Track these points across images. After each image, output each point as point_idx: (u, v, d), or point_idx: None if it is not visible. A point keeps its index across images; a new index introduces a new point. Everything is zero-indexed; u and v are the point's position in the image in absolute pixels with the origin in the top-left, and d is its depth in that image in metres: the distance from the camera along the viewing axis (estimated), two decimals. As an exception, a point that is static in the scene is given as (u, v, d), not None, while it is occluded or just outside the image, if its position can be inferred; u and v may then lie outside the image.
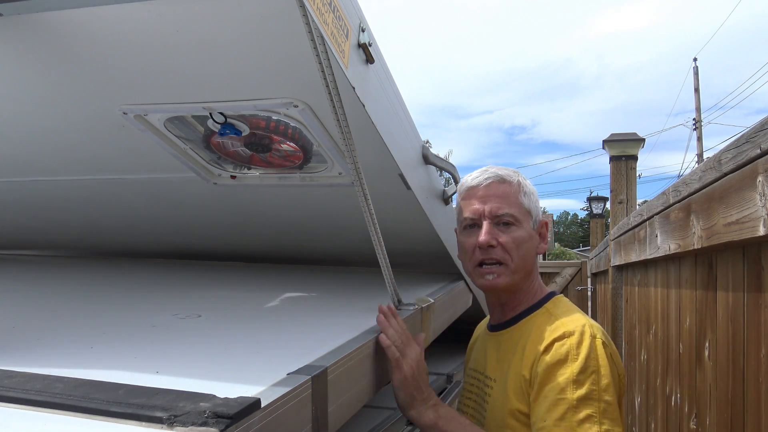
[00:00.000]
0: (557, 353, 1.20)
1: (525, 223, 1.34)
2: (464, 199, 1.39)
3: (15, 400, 0.78)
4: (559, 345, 1.21)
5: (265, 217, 2.02)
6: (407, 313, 1.43)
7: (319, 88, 1.05)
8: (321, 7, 0.95)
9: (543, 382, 1.19)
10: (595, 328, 1.24)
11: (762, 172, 1.12)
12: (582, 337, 1.20)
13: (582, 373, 1.16)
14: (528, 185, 1.38)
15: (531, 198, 1.37)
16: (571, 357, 1.18)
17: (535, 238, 1.37)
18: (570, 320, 1.26)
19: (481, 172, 1.39)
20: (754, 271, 1.26)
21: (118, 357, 1.07)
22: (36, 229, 2.56)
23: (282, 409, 0.80)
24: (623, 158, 5.35)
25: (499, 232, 1.32)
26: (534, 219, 1.37)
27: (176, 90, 1.30)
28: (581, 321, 1.25)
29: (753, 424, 1.25)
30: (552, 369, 1.18)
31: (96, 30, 1.11)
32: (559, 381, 1.16)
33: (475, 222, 1.35)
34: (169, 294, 1.90)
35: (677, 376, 1.96)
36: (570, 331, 1.22)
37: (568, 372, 1.17)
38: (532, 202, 1.37)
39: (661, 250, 2.10)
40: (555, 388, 1.16)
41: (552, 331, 1.25)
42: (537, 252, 1.39)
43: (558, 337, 1.22)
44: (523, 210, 1.34)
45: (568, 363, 1.18)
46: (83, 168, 1.78)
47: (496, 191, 1.34)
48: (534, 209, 1.37)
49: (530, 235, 1.35)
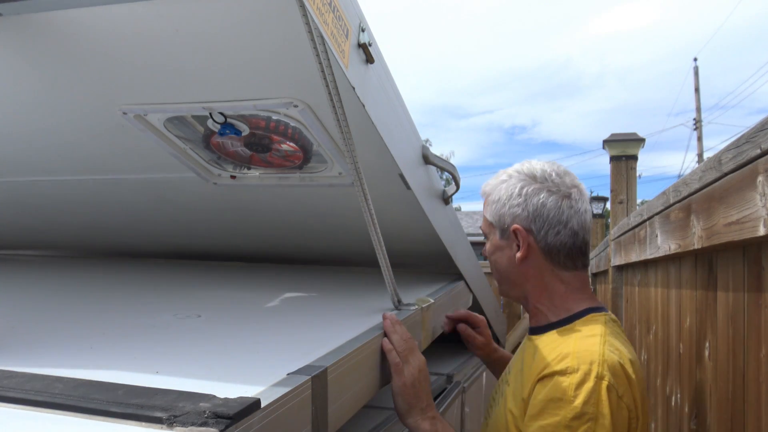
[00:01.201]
0: (555, 390, 1.09)
1: (491, 234, 1.34)
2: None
3: (15, 400, 0.78)
4: (559, 381, 1.10)
5: (265, 217, 2.02)
6: (407, 313, 1.43)
7: (319, 88, 1.05)
8: (321, 7, 0.95)
9: (535, 417, 1.11)
10: (607, 367, 1.10)
11: (762, 172, 1.12)
12: (585, 377, 1.08)
13: (576, 419, 1.05)
14: (499, 191, 1.29)
15: (495, 206, 1.30)
16: (568, 398, 1.07)
17: (505, 248, 1.29)
18: (583, 352, 1.13)
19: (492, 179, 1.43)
20: (754, 271, 1.26)
21: (117, 357, 1.07)
22: (36, 229, 2.56)
23: (282, 409, 0.80)
24: (623, 158, 5.35)
25: None
26: (500, 228, 1.29)
27: (176, 90, 1.30)
28: (594, 356, 1.11)
29: (753, 424, 1.25)
30: (546, 406, 1.09)
31: (96, 30, 1.11)
32: (551, 422, 1.07)
33: None
34: (169, 294, 1.90)
35: (677, 376, 1.96)
36: (574, 367, 1.10)
37: (562, 414, 1.07)
38: (496, 210, 1.29)
39: (661, 250, 2.09)
40: (545, 428, 1.08)
41: (558, 359, 1.14)
42: (516, 261, 1.27)
43: (560, 370, 1.11)
44: (487, 222, 1.34)
45: (563, 404, 1.07)
46: (83, 168, 1.78)
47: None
48: (497, 218, 1.29)
49: (496, 246, 1.32)
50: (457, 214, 8.04)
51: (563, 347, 1.17)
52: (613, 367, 1.10)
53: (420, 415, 1.22)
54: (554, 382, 1.10)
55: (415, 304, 1.53)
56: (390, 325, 1.26)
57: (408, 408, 1.22)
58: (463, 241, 2.13)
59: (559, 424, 1.06)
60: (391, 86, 1.36)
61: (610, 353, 1.13)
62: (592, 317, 1.25)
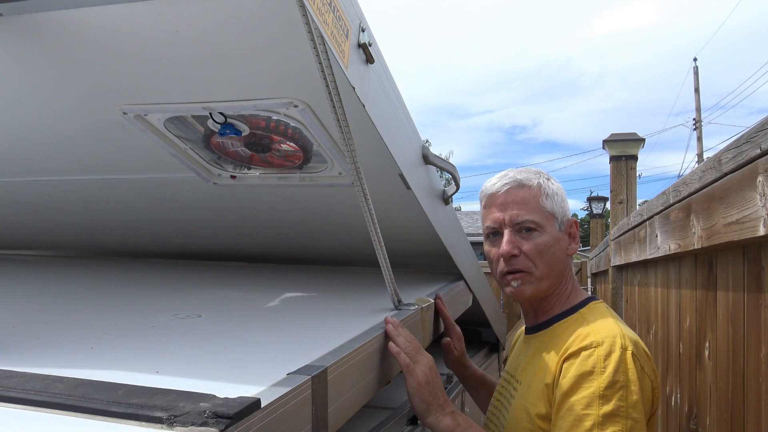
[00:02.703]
0: (584, 364, 1.14)
1: (549, 226, 1.30)
2: (485, 207, 1.37)
3: (15, 400, 0.78)
4: (586, 355, 1.15)
5: (265, 217, 2.02)
6: (407, 313, 1.43)
7: (319, 88, 1.05)
8: (321, 7, 0.95)
9: (567, 394, 1.13)
10: (628, 339, 1.17)
11: (762, 172, 1.12)
12: (611, 348, 1.14)
13: (609, 388, 1.10)
14: (551, 186, 1.33)
15: (554, 199, 1.32)
16: (598, 369, 1.12)
17: (563, 240, 1.32)
18: (601, 328, 1.19)
19: (500, 177, 1.36)
20: (754, 271, 1.26)
21: (118, 357, 1.07)
22: (36, 229, 2.56)
23: (282, 409, 0.80)
24: (623, 158, 5.35)
25: (522, 240, 1.29)
26: (560, 220, 1.32)
27: (176, 90, 1.30)
28: (613, 330, 1.18)
29: (753, 424, 1.25)
30: (578, 381, 1.13)
31: (96, 30, 1.11)
32: (585, 395, 1.11)
33: (496, 231, 1.33)
34: (169, 294, 1.90)
35: (677, 376, 1.96)
36: (598, 341, 1.16)
37: (595, 386, 1.11)
38: (556, 203, 1.32)
39: (661, 250, 2.09)
40: (580, 402, 1.11)
41: (581, 338, 1.19)
42: (567, 254, 1.34)
43: (585, 346, 1.16)
44: (545, 213, 1.30)
45: (594, 376, 1.12)
46: (83, 168, 1.78)
47: (515, 197, 1.31)
48: (558, 210, 1.32)
49: (556, 238, 1.30)
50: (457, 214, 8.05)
51: (581, 329, 1.22)
52: (633, 340, 1.18)
53: (440, 412, 1.23)
54: (582, 357, 1.15)
55: (415, 304, 1.53)
56: (393, 328, 1.26)
57: (426, 407, 1.23)
58: (463, 241, 2.13)
59: (594, 395, 1.10)
60: (391, 86, 1.36)
61: (627, 329, 1.22)
62: (594, 305, 1.32)
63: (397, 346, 1.23)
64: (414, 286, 1.91)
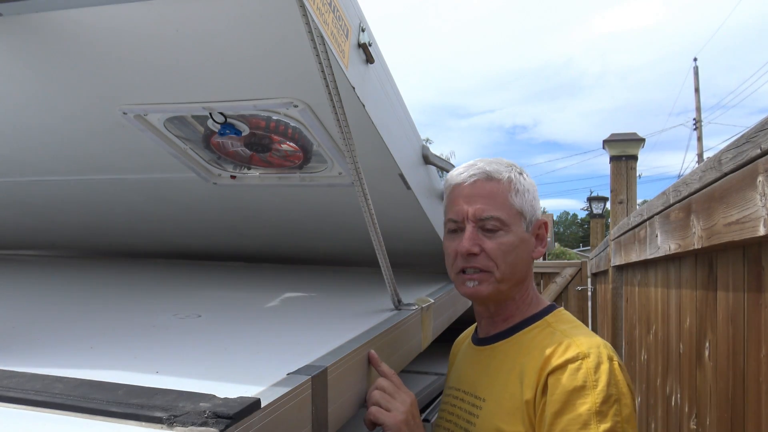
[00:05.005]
0: (573, 378, 1.07)
1: (515, 225, 1.18)
2: (448, 198, 1.24)
3: (15, 400, 0.78)
4: (573, 368, 1.07)
5: (265, 217, 2.02)
6: (407, 313, 1.43)
7: (319, 88, 1.05)
8: (321, 7, 0.95)
9: (560, 412, 1.06)
10: (610, 348, 1.11)
11: (762, 172, 1.12)
12: (599, 359, 1.07)
13: (604, 404, 1.04)
14: (522, 181, 1.21)
15: (525, 196, 1.20)
16: (590, 384, 1.06)
17: (529, 241, 1.21)
18: (581, 338, 1.12)
19: (467, 167, 1.22)
20: (754, 271, 1.26)
21: (118, 357, 1.07)
22: (36, 229, 2.56)
23: (282, 409, 0.80)
24: (623, 158, 5.36)
25: (484, 238, 1.17)
26: (528, 220, 1.20)
27: (176, 90, 1.30)
28: (594, 340, 1.12)
29: (753, 424, 1.25)
30: (570, 398, 1.06)
31: (96, 30, 1.11)
32: (581, 412, 1.04)
33: (458, 225, 1.20)
34: (169, 294, 1.90)
35: (677, 376, 1.96)
36: (584, 352, 1.09)
37: (590, 401, 1.04)
38: (526, 200, 1.20)
39: (661, 250, 2.09)
40: (577, 420, 1.04)
41: (562, 349, 1.11)
42: (532, 257, 1.22)
43: (571, 358, 1.08)
44: (513, 211, 1.18)
45: (587, 391, 1.05)
46: (83, 168, 1.79)
47: (482, 190, 1.18)
48: (528, 209, 1.20)
49: (521, 239, 1.19)
50: (457, 214, 7.99)
51: (556, 339, 1.14)
52: (613, 349, 1.13)
53: None
54: (569, 371, 1.07)
55: (415, 304, 1.53)
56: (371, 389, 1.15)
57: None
58: (463, 241, 2.12)
59: (590, 412, 1.04)
60: (391, 86, 1.36)
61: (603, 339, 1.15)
62: (559, 312, 1.23)
63: (369, 400, 1.13)
64: (414, 286, 1.91)
